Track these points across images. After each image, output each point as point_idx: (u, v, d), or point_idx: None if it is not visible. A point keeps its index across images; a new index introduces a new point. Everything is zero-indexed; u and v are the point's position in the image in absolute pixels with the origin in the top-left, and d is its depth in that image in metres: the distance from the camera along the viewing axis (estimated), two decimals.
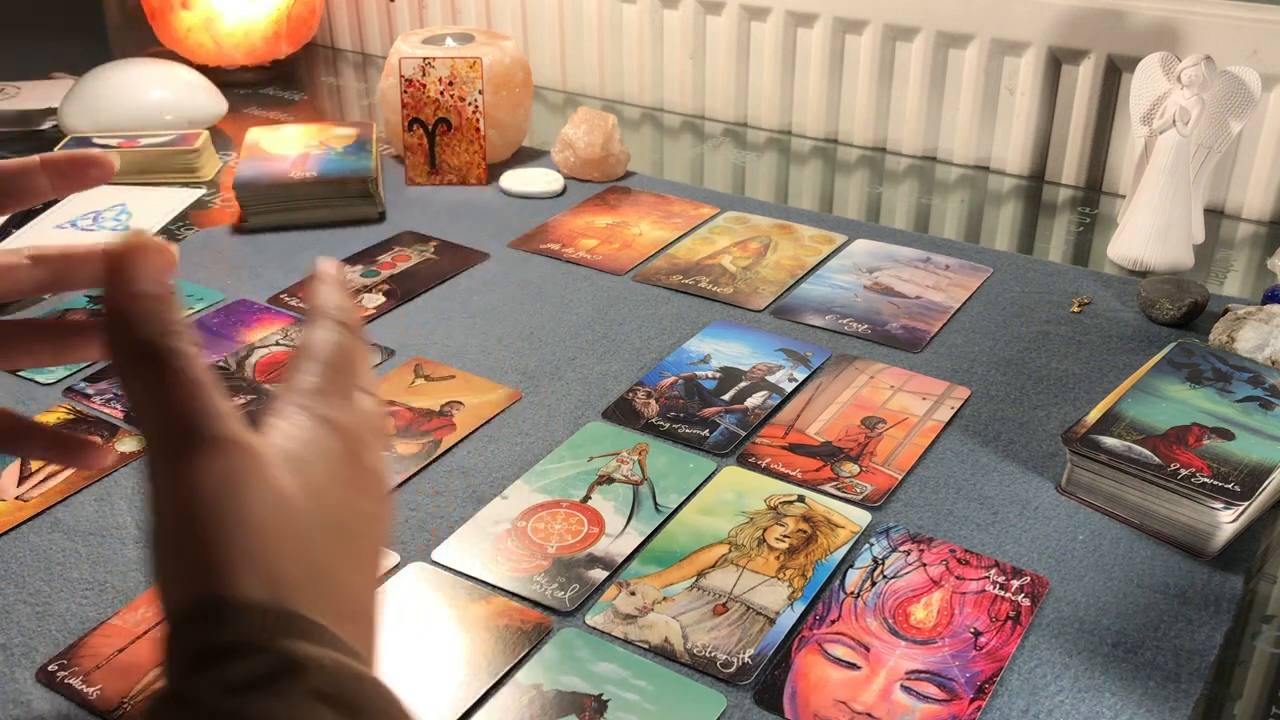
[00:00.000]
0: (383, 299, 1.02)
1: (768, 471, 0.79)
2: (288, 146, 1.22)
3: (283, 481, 0.37)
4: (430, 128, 1.24)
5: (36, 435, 0.54)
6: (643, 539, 0.73)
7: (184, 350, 0.37)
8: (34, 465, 0.80)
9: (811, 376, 0.90)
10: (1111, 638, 0.66)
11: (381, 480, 0.43)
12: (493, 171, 1.28)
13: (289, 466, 0.38)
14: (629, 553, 0.72)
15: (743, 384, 0.89)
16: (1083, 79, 1.25)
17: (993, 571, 0.70)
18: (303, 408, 0.40)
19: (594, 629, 0.66)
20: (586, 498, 0.77)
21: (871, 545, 0.72)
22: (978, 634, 0.65)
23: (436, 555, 0.72)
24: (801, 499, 0.76)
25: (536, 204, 1.22)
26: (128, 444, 0.82)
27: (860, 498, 0.76)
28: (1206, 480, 0.71)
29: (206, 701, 0.32)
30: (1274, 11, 1.14)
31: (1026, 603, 0.68)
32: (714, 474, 0.79)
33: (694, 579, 0.69)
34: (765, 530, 0.73)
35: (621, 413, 0.86)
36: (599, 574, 0.70)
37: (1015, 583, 0.69)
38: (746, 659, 0.64)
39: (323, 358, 0.42)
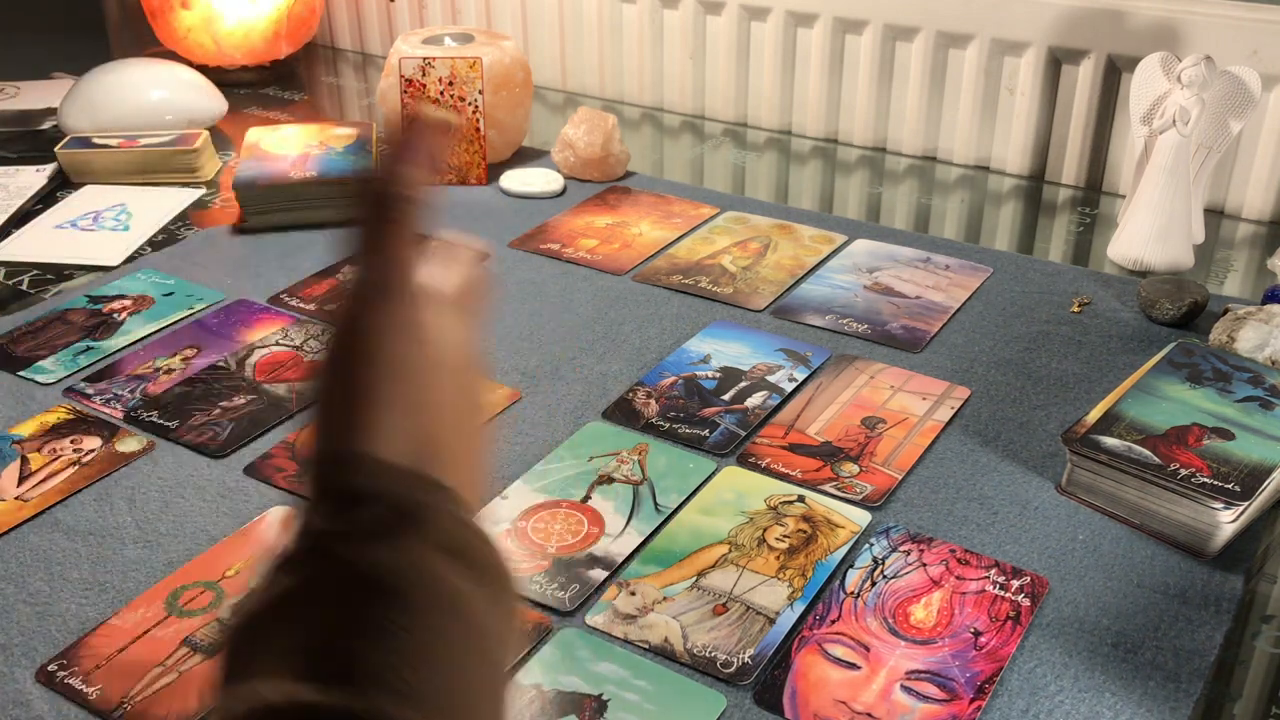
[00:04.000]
0: None
1: (768, 471, 0.79)
2: (288, 146, 1.22)
3: (439, 343, 0.41)
4: None
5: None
6: (643, 539, 0.73)
7: (409, 216, 0.41)
8: (34, 465, 0.80)
9: (811, 376, 0.90)
10: (1111, 638, 0.66)
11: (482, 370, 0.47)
12: (493, 171, 1.28)
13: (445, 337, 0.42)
14: (629, 553, 0.72)
15: (743, 384, 0.89)
16: (1083, 79, 1.25)
17: (993, 571, 0.70)
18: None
19: (594, 629, 0.66)
20: (586, 498, 0.77)
21: (871, 545, 0.72)
22: (978, 634, 0.65)
23: None
24: (801, 499, 0.76)
25: (536, 204, 1.22)
26: (128, 444, 0.82)
27: (860, 498, 0.76)
28: (1206, 480, 0.71)
29: (337, 549, 0.35)
30: (1274, 11, 1.14)
31: (1026, 603, 0.68)
32: (714, 474, 0.79)
33: (694, 579, 0.69)
34: (765, 530, 0.73)
35: (621, 413, 0.86)
36: (599, 574, 0.70)
37: (1015, 583, 0.69)
38: (746, 659, 0.64)
39: (451, 272, 0.45)
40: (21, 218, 1.17)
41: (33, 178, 1.24)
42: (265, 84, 1.60)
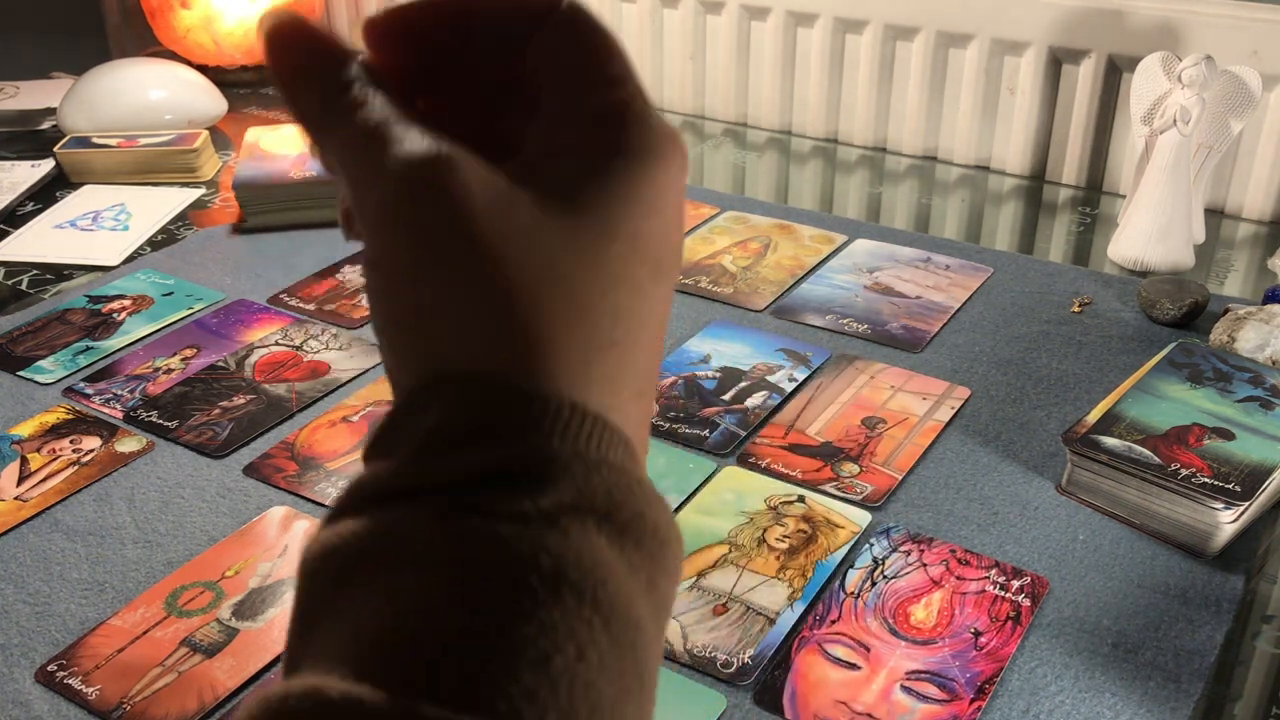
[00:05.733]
0: None
1: (768, 471, 0.79)
2: (287, 146, 1.22)
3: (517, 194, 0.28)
4: None
5: None
6: None
7: (356, 100, 0.30)
8: (33, 465, 0.80)
9: (811, 376, 0.90)
10: (1111, 638, 0.66)
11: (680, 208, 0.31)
12: None
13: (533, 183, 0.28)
14: None
15: (743, 384, 0.89)
16: (1083, 79, 1.25)
17: (993, 571, 0.70)
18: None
19: None
20: None
21: (871, 545, 0.72)
22: (978, 634, 0.65)
23: None
24: (801, 499, 0.76)
25: None
26: (127, 444, 0.82)
27: (860, 498, 0.76)
28: (1207, 480, 0.71)
29: (497, 529, 0.24)
30: (1274, 11, 1.14)
31: (1026, 603, 0.68)
32: (714, 474, 0.79)
33: (694, 579, 0.69)
34: (765, 530, 0.73)
35: None
36: None
37: (1015, 583, 0.69)
38: (746, 659, 0.64)
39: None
40: (19, 214, 1.17)
41: (28, 172, 1.24)
42: (265, 84, 1.60)
